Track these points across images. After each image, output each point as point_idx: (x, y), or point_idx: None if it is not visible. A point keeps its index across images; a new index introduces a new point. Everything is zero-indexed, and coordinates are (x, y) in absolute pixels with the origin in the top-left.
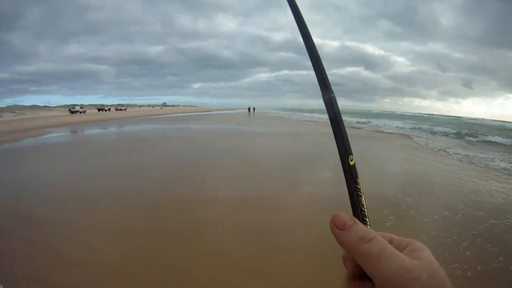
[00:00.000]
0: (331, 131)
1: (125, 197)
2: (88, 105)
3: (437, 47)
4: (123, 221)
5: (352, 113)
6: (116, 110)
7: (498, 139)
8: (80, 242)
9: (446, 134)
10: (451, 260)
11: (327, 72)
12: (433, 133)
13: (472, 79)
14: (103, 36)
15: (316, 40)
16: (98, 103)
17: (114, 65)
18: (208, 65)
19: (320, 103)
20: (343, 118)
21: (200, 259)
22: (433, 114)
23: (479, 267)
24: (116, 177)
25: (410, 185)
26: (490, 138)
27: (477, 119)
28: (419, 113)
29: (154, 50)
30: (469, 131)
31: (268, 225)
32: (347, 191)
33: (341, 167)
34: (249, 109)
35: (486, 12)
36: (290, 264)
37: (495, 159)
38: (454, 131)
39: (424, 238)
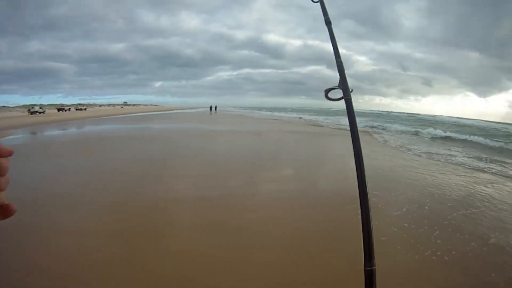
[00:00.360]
0: (293, 129)
1: (88, 198)
2: (47, 105)
3: (398, 47)
4: (87, 222)
5: (313, 111)
6: (77, 110)
7: (453, 134)
8: (42, 246)
9: (403, 132)
10: (424, 249)
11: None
12: (392, 130)
13: (432, 77)
14: (64, 32)
15: (278, 39)
16: (58, 102)
17: (75, 63)
18: (170, 63)
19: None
20: (304, 117)
21: (167, 258)
22: (391, 112)
23: (453, 252)
24: (79, 178)
25: (375, 181)
26: (448, 134)
27: (435, 115)
28: (378, 111)
29: (116, 47)
30: (424, 128)
31: (233, 223)
32: (306, 187)
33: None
34: (210, 107)
35: (448, 15)
36: (258, 261)
37: (452, 154)
38: (413, 129)
39: (395, 229)
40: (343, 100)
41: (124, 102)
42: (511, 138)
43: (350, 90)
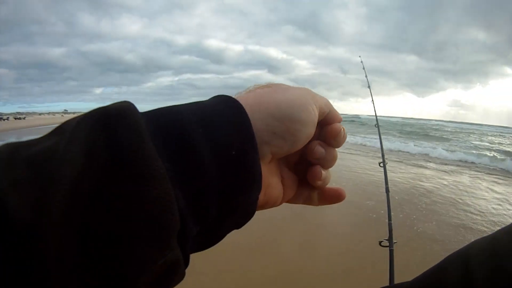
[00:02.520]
0: None
1: None
2: None
3: (339, 51)
4: None
5: None
6: (15, 119)
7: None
8: None
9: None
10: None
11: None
12: None
13: (372, 80)
14: (2, 35)
15: (219, 44)
16: None
17: (13, 68)
18: (110, 69)
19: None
20: None
21: None
22: None
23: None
24: None
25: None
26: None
27: (371, 115)
28: None
29: (56, 52)
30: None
31: None
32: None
33: None
34: None
35: (387, 21)
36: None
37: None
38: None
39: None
40: None
41: (65, 110)
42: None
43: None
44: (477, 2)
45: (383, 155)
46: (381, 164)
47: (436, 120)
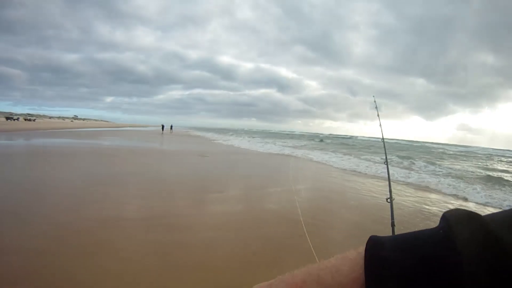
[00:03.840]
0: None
1: (24, 218)
2: None
3: (348, 73)
4: (29, 242)
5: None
6: (25, 120)
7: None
8: None
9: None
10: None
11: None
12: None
13: (380, 102)
14: (19, 36)
15: (230, 60)
16: (7, 110)
17: (27, 70)
18: (122, 78)
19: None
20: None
21: (110, 282)
22: (331, 134)
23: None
24: (16, 196)
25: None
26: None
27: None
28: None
29: (69, 58)
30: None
31: (177, 243)
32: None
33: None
34: (162, 126)
35: (396, 44)
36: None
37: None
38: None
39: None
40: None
41: (74, 115)
42: None
43: None
44: (486, 26)
45: (390, 191)
46: (388, 200)
47: (442, 144)
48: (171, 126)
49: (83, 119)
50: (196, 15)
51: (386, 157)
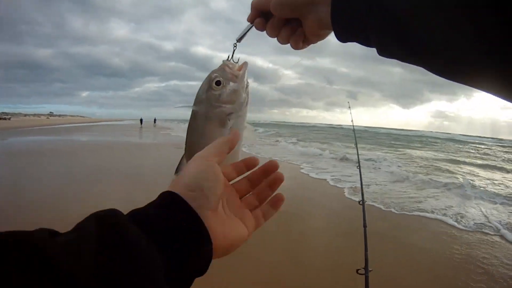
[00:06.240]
0: None
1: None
2: None
3: (324, 62)
4: None
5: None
6: (0, 119)
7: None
8: None
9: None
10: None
11: None
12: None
13: (357, 91)
14: None
15: (206, 51)
16: None
17: (1, 68)
18: (97, 72)
19: None
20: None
21: None
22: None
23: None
24: None
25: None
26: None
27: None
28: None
29: (43, 53)
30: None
31: None
32: None
33: None
34: (141, 120)
35: None
36: None
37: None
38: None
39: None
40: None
41: (50, 112)
42: None
43: None
44: None
45: (362, 194)
46: (361, 202)
47: (418, 131)
48: (155, 120)
49: (59, 115)
50: (171, 7)
51: (359, 161)
